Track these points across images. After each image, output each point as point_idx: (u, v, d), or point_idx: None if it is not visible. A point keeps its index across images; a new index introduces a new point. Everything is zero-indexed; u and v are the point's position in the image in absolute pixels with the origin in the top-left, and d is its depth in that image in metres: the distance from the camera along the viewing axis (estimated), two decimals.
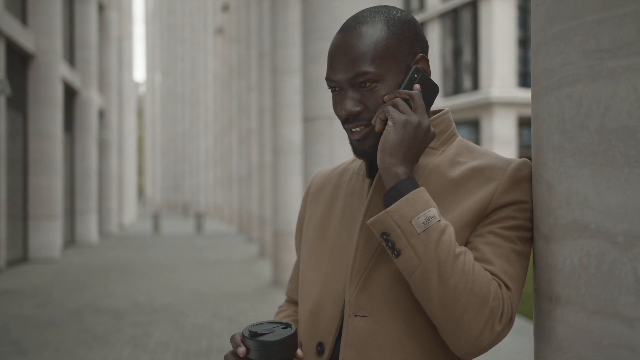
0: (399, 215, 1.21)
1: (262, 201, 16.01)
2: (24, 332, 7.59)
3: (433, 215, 1.21)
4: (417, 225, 1.20)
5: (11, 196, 14.69)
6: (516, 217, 1.29)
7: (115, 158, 27.26)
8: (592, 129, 1.05)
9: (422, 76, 1.36)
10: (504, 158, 1.36)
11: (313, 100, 6.04)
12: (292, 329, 1.27)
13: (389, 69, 1.33)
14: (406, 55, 1.35)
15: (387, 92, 1.33)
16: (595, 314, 1.04)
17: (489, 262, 1.26)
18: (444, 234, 1.21)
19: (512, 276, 1.26)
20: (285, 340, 1.25)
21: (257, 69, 19.73)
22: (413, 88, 1.34)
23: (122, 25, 33.22)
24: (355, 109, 1.33)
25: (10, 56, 14.74)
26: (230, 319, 8.35)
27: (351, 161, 1.57)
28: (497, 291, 1.23)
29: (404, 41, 1.35)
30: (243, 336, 1.27)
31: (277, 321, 1.31)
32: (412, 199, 1.22)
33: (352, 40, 1.33)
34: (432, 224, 1.21)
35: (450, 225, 1.23)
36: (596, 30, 1.04)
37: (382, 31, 1.33)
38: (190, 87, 62.53)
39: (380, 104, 1.33)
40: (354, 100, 1.34)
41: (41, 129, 16.08)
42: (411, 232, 1.20)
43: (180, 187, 68.49)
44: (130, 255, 17.25)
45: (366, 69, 1.31)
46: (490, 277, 1.23)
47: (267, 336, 1.25)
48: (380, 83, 1.32)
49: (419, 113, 1.30)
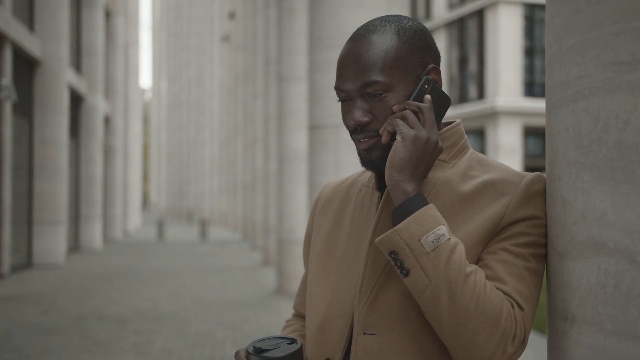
0: (408, 234, 1.18)
1: (266, 209, 15.98)
2: (27, 338, 7.56)
3: (443, 234, 1.18)
4: (426, 244, 1.17)
5: (16, 201, 14.69)
6: (530, 234, 1.26)
7: (120, 164, 27.28)
8: (611, 144, 1.02)
9: (433, 87, 1.32)
10: (517, 172, 1.33)
11: (319, 109, 6.02)
12: (298, 344, 1.24)
13: (399, 79, 1.30)
14: (417, 65, 1.32)
15: (396, 102, 1.30)
16: (613, 335, 1.01)
17: (502, 281, 1.23)
18: (454, 253, 1.17)
19: (525, 296, 1.23)
20: (291, 356, 1.22)
21: (263, 77, 19.75)
22: (424, 99, 1.30)
23: (129, 32, 33.31)
24: (363, 119, 1.30)
25: (17, 62, 14.77)
26: (234, 327, 8.31)
27: (360, 173, 1.54)
28: (510, 311, 1.19)
29: (415, 51, 1.32)
30: (247, 352, 1.25)
31: (283, 336, 1.28)
32: (421, 217, 1.19)
33: (362, 49, 1.30)
34: (441, 243, 1.17)
35: (460, 243, 1.20)
36: (614, 42, 1.01)
37: (392, 40, 1.30)
38: (196, 94, 62.65)
39: (389, 114, 1.30)
40: (362, 110, 1.31)
41: (47, 135, 16.09)
42: (420, 251, 1.17)
43: (185, 193, 68.54)
44: (134, 262, 17.23)
45: (375, 78, 1.28)
46: (502, 297, 1.20)
47: (272, 352, 1.22)
48: (389, 93, 1.30)
49: (428, 127, 1.27)
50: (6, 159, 13.32)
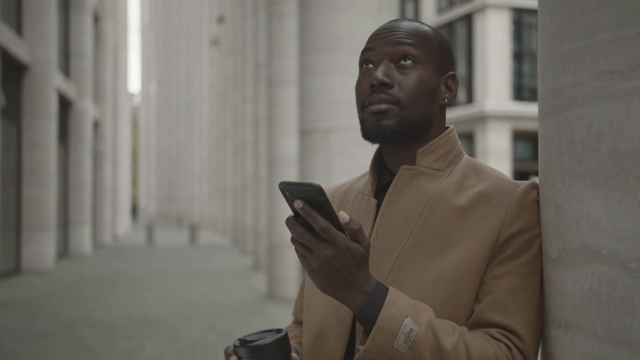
0: (380, 347, 1.17)
1: (256, 213, 15.96)
2: (16, 344, 7.52)
3: (410, 329, 1.16)
4: (400, 346, 1.16)
5: (4, 207, 14.61)
6: (530, 248, 1.26)
7: (109, 169, 27.20)
8: (604, 152, 1.02)
9: (289, 189, 1.14)
10: (512, 181, 1.33)
11: (309, 113, 6.02)
12: (283, 332, 1.25)
13: (428, 61, 1.35)
14: (442, 63, 1.38)
15: (420, 79, 1.33)
16: (607, 342, 1.01)
17: (507, 313, 1.23)
18: (428, 340, 1.16)
19: (530, 323, 1.23)
20: (276, 342, 1.23)
21: (252, 81, 19.72)
22: (293, 205, 1.14)
23: (118, 35, 33.23)
24: (386, 79, 1.32)
25: (5, 66, 14.70)
26: (225, 332, 8.29)
27: (356, 179, 1.54)
28: (507, 358, 1.20)
29: (443, 51, 1.39)
30: (234, 346, 1.26)
31: (269, 329, 1.30)
32: (383, 325, 1.16)
33: (402, 24, 1.36)
34: (413, 339, 1.16)
35: (430, 322, 1.18)
36: (608, 50, 1.02)
37: (429, 30, 1.38)
38: (185, 98, 62.54)
39: (410, 89, 1.32)
40: (388, 73, 1.33)
41: (35, 140, 16.02)
42: (398, 355, 1.16)
43: (174, 197, 68.38)
44: (124, 267, 17.17)
45: (410, 45, 1.33)
46: (493, 351, 1.20)
47: (258, 342, 1.23)
48: (418, 65, 1.33)
49: (330, 235, 1.13)
50: None
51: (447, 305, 1.25)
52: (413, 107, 1.32)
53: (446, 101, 1.39)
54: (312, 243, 1.13)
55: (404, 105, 1.32)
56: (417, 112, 1.33)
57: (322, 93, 5.93)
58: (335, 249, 1.13)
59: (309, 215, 1.11)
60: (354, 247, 1.15)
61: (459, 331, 1.20)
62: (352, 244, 1.14)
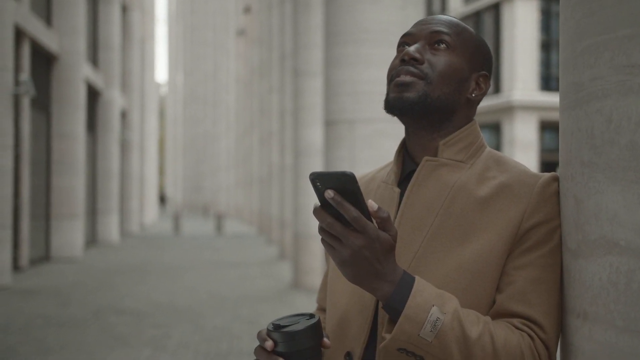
0: (406, 336, 1.18)
1: (282, 203, 16.03)
2: (45, 331, 7.65)
3: (437, 318, 1.17)
4: (426, 335, 1.17)
5: (34, 196, 14.83)
6: (551, 240, 1.27)
7: (137, 158, 27.42)
8: (623, 145, 1.04)
9: (322, 180, 1.15)
10: (533, 173, 1.34)
11: (334, 104, 6.03)
12: (316, 318, 1.28)
13: (461, 51, 1.39)
14: (476, 59, 1.42)
15: (450, 64, 1.36)
16: (624, 332, 1.03)
17: (529, 304, 1.24)
18: (454, 329, 1.18)
19: (551, 314, 1.25)
20: (309, 328, 1.25)
21: (278, 71, 19.77)
22: (325, 194, 1.15)
23: (145, 26, 33.43)
24: (417, 55, 1.36)
25: (35, 57, 14.89)
26: (250, 321, 8.36)
27: (378, 170, 1.56)
28: (530, 349, 1.22)
29: (480, 49, 1.43)
30: (268, 330, 1.28)
31: (301, 313, 1.32)
32: (410, 314, 1.17)
33: (441, 16, 1.43)
34: (439, 328, 1.17)
35: (456, 311, 1.19)
36: (627, 45, 1.03)
37: (468, 28, 1.44)
38: (212, 88, 62.77)
39: (441, 69, 1.35)
40: (420, 50, 1.38)
41: (64, 130, 16.21)
42: (424, 344, 1.18)
43: (201, 187, 68.76)
44: (151, 256, 17.35)
45: (447, 31, 1.38)
46: (517, 341, 1.21)
47: (291, 327, 1.26)
48: (450, 51, 1.38)
49: (361, 225, 1.14)
50: (24, 153, 13.44)
51: (468, 295, 1.26)
52: (438, 86, 1.35)
53: (473, 96, 1.41)
54: (343, 233, 1.14)
55: (430, 81, 1.35)
56: (441, 91, 1.35)
57: (347, 84, 5.95)
58: (366, 239, 1.14)
59: (339, 204, 1.12)
60: (383, 236, 1.16)
61: (484, 321, 1.21)
62: (381, 233, 1.16)
